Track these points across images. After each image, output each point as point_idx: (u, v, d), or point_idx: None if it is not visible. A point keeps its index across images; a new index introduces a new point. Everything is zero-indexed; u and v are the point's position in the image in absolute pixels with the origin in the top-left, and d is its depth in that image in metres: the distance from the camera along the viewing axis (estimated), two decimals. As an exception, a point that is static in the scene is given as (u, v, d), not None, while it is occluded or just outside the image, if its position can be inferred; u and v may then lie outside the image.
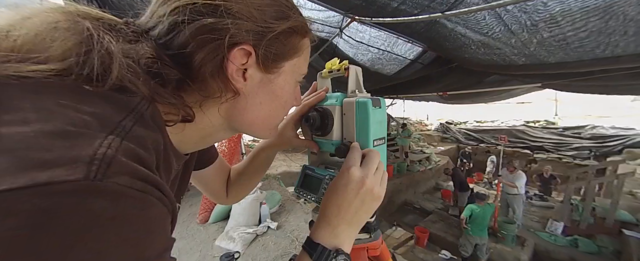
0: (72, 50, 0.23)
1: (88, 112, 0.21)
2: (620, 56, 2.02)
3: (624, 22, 1.57)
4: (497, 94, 6.06)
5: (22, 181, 0.15)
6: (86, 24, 0.25)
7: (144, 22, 0.31)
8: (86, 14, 0.27)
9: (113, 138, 0.20)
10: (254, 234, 2.28)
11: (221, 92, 0.31)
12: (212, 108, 0.33)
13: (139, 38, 0.29)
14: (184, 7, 0.28)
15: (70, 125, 0.19)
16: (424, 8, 2.03)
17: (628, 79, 2.99)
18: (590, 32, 1.78)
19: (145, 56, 0.27)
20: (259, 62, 0.32)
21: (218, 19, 0.28)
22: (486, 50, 2.59)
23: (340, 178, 0.38)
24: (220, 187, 0.61)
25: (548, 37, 2.00)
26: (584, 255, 4.07)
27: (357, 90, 0.46)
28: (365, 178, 0.38)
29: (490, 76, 4.33)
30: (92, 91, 0.23)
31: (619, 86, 3.66)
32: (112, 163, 0.18)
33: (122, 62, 0.25)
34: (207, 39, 0.28)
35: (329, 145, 0.46)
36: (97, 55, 0.23)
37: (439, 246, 4.96)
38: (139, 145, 0.22)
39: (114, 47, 0.25)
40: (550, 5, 1.62)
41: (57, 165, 0.16)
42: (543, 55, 2.36)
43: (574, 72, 2.77)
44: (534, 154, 8.55)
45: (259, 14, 0.31)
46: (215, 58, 0.29)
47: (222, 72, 0.30)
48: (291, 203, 2.89)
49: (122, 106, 0.24)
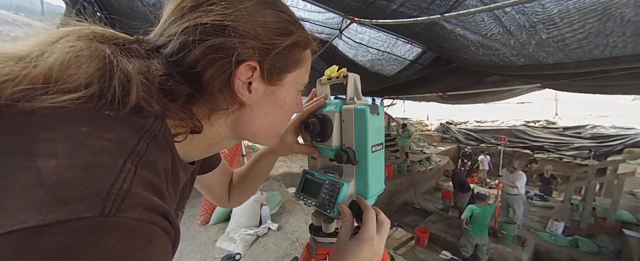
0: (95, 76, 0.25)
1: (107, 138, 0.23)
2: (619, 57, 2.03)
3: (622, 23, 1.58)
4: (497, 94, 6.07)
5: (48, 218, 0.17)
6: (106, 50, 0.26)
7: (153, 39, 0.33)
8: (102, 35, 0.29)
9: (129, 169, 0.22)
10: (255, 235, 2.29)
11: (228, 104, 0.33)
12: (219, 120, 0.35)
13: (150, 55, 0.30)
14: (194, 27, 0.29)
15: (92, 155, 0.21)
16: (423, 10, 2.04)
17: (627, 79, 3.00)
18: (589, 34, 1.79)
19: (159, 74, 0.28)
20: (264, 76, 0.34)
21: (226, 39, 0.30)
22: (485, 51, 2.60)
23: (362, 246, 0.39)
24: (223, 190, 0.62)
25: (546, 38, 2.01)
26: (584, 255, 4.07)
27: (356, 98, 0.47)
28: (380, 246, 0.41)
29: (490, 76, 4.35)
30: (110, 115, 0.25)
31: (619, 86, 3.67)
32: (126, 197, 0.20)
33: (139, 85, 0.26)
34: (216, 58, 0.30)
35: (329, 150, 0.47)
36: (118, 81, 0.25)
37: (439, 246, 4.96)
38: (152, 171, 0.24)
39: (132, 71, 0.27)
40: (548, 7, 1.63)
41: (77, 200, 0.18)
42: (542, 56, 2.37)
43: (573, 72, 2.78)
44: (534, 154, 8.56)
45: (264, 31, 0.32)
46: (223, 74, 0.31)
47: (229, 86, 0.32)
48: (292, 205, 2.90)
49: (137, 128, 0.26)
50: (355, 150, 0.45)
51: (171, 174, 0.29)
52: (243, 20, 0.31)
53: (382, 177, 0.49)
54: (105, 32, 0.29)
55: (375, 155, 0.45)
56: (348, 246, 0.39)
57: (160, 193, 0.24)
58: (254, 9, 0.32)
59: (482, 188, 7.32)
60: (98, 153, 0.21)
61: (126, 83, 0.26)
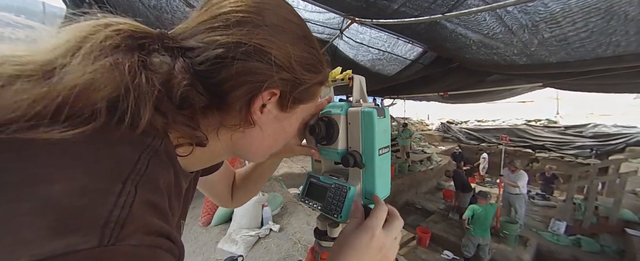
0: (109, 101, 0.24)
1: (106, 157, 0.22)
2: (622, 55, 2.02)
3: (626, 22, 1.57)
4: (498, 93, 6.05)
5: (44, 252, 0.16)
6: (126, 65, 0.24)
7: (178, 35, 0.31)
8: (126, 34, 0.27)
9: (128, 191, 0.21)
10: (257, 237, 2.28)
11: (240, 121, 0.33)
12: (226, 135, 0.34)
13: (174, 55, 0.29)
14: (237, 45, 0.29)
15: (90, 179, 0.20)
16: (424, 10, 2.04)
17: (630, 77, 2.99)
18: (592, 32, 1.78)
19: (183, 84, 0.27)
20: (280, 103, 0.34)
21: (265, 65, 0.30)
22: (487, 50, 2.59)
23: (361, 234, 0.37)
24: (226, 191, 0.62)
25: (549, 37, 2.00)
26: (587, 255, 4.05)
27: (362, 100, 0.46)
28: (385, 245, 0.38)
29: (492, 75, 4.33)
30: (113, 133, 0.24)
31: (621, 84, 3.65)
32: (126, 224, 0.19)
33: (154, 106, 0.25)
34: (250, 80, 0.30)
35: (335, 153, 0.47)
36: (132, 108, 0.24)
37: (441, 246, 4.95)
38: (153, 190, 0.24)
39: (150, 91, 0.25)
40: (550, 6, 1.62)
41: (74, 231, 0.17)
42: (544, 55, 2.36)
43: (576, 71, 2.77)
44: (535, 153, 8.53)
45: (298, 65, 0.33)
46: (247, 95, 0.31)
47: (248, 107, 0.32)
48: (293, 205, 2.89)
49: (138, 144, 0.25)
50: (362, 153, 0.44)
51: (174, 187, 0.29)
52: (283, 51, 0.31)
53: (389, 181, 0.48)
54: (129, 28, 0.27)
55: (382, 158, 0.44)
56: (347, 236, 0.38)
57: (162, 213, 0.23)
58: (293, 42, 0.32)
59: (482, 187, 7.30)
60: (96, 176, 0.20)
61: (142, 105, 0.25)
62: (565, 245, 4.33)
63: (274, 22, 0.31)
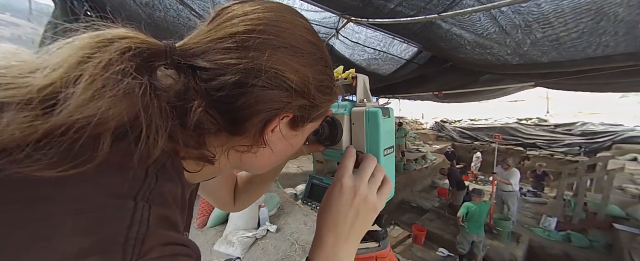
0: (118, 126, 0.22)
1: (115, 174, 0.21)
2: (611, 55, 2.07)
3: (615, 22, 1.61)
4: (491, 93, 6.15)
5: None
6: (136, 91, 0.22)
7: (188, 50, 0.28)
8: (133, 53, 0.23)
9: (142, 207, 0.21)
10: (253, 238, 2.26)
11: (251, 144, 0.32)
12: (235, 155, 0.33)
13: (182, 71, 0.27)
14: (255, 71, 0.27)
15: (101, 196, 0.20)
16: (420, 9, 2.05)
17: (617, 77, 3.07)
18: (582, 33, 1.82)
19: (198, 111, 0.26)
20: (291, 123, 0.34)
21: (283, 92, 0.29)
22: (481, 50, 2.63)
23: (332, 189, 0.37)
24: (228, 195, 0.60)
25: (541, 38, 2.04)
26: (576, 250, 4.16)
27: (366, 99, 0.45)
28: (358, 187, 0.36)
29: (485, 75, 4.40)
30: (118, 154, 0.22)
31: (609, 84, 3.76)
32: (146, 240, 0.19)
33: (167, 138, 0.24)
34: (267, 108, 0.29)
35: (338, 154, 0.46)
36: (144, 138, 0.22)
37: (436, 244, 5.01)
38: (164, 204, 0.23)
39: (163, 123, 0.23)
40: (543, 6, 1.65)
41: (95, 253, 0.17)
42: (536, 55, 2.41)
43: (566, 71, 2.83)
44: (526, 151, 8.71)
45: (314, 89, 0.32)
46: (263, 121, 0.30)
47: (261, 130, 0.31)
48: (290, 206, 2.88)
49: (144, 158, 0.24)
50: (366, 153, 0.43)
51: (180, 200, 0.28)
52: (301, 75, 0.30)
53: (393, 181, 0.47)
54: (135, 45, 0.24)
55: (387, 158, 0.43)
56: (322, 203, 0.38)
57: (174, 225, 0.24)
58: (311, 65, 0.31)
59: (476, 184, 7.43)
60: (107, 193, 0.20)
61: (153, 140, 0.23)
62: (556, 241, 4.44)
63: (292, 44, 0.29)
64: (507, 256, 4.28)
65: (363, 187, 0.37)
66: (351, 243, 0.37)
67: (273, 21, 0.29)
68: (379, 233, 0.48)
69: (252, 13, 0.29)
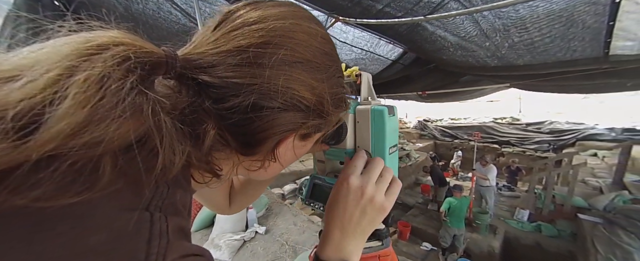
0: (120, 146, 0.19)
1: (126, 185, 0.20)
2: (577, 59, 2.24)
3: (583, 29, 1.75)
4: (470, 93, 6.45)
5: None
6: (147, 111, 0.19)
7: (193, 61, 0.24)
8: (122, 58, 0.19)
9: (159, 218, 0.20)
10: (242, 240, 2.20)
11: (262, 160, 0.31)
12: (243, 169, 0.32)
13: (188, 87, 0.24)
14: (272, 92, 0.25)
15: (117, 211, 0.19)
16: (407, 11, 2.09)
17: (582, 79, 3.34)
18: (554, 38, 1.96)
19: (211, 134, 0.24)
20: (302, 135, 0.32)
21: (299, 113, 0.27)
22: (463, 52, 2.74)
23: (338, 188, 0.38)
24: (223, 198, 0.58)
25: (518, 42, 2.16)
26: (546, 239, 4.50)
27: (370, 97, 0.45)
28: (365, 187, 0.36)
29: (465, 76, 4.61)
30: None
31: (574, 86, 4.08)
32: (167, 254, 0.19)
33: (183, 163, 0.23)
34: (282, 130, 0.27)
35: (342, 153, 0.45)
36: (161, 163, 0.20)
37: (420, 238, 5.19)
38: (178, 213, 0.23)
39: (180, 147, 0.21)
40: (521, 12, 1.75)
41: None
42: (513, 57, 2.55)
43: (538, 73, 3.03)
44: (502, 148, 9.26)
45: (329, 105, 0.30)
46: (276, 141, 0.29)
47: (273, 149, 0.30)
48: (278, 206, 2.84)
49: (161, 178, 0.22)
50: (372, 153, 0.43)
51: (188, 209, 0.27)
52: (317, 92, 0.28)
53: (396, 180, 0.47)
54: (132, 54, 0.19)
55: (391, 157, 0.43)
56: (329, 201, 0.38)
57: (188, 235, 0.23)
58: (328, 79, 0.29)
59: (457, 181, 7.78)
60: (120, 207, 0.19)
61: (170, 165, 0.21)
62: (528, 231, 4.77)
63: (309, 58, 0.27)
64: (485, 247, 4.53)
65: (370, 188, 0.37)
66: (358, 240, 0.37)
67: (288, 32, 0.26)
68: (382, 231, 0.48)
69: (265, 21, 0.25)
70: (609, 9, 1.49)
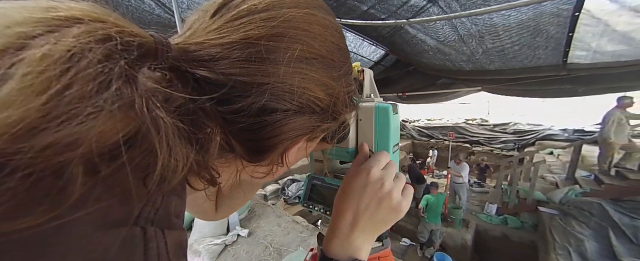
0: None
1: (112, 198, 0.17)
2: (541, 66, 2.46)
3: (547, 39, 1.92)
4: (446, 95, 6.83)
5: None
6: (142, 107, 0.15)
7: (191, 52, 0.20)
8: (105, 37, 0.14)
9: (154, 234, 0.16)
10: (223, 244, 2.11)
11: (269, 166, 0.28)
12: (246, 175, 0.29)
13: (184, 83, 0.20)
14: (286, 94, 0.22)
15: (96, 229, 0.15)
16: (391, 14, 2.15)
17: (542, 85, 3.69)
18: (522, 46, 2.13)
19: (216, 141, 0.21)
20: (308, 138, 0.29)
21: (313, 116, 0.25)
22: (441, 56, 2.88)
23: (355, 178, 0.35)
24: (209, 203, 0.53)
25: (491, 47, 2.32)
26: (511, 230, 4.91)
27: (373, 95, 0.44)
28: (385, 181, 0.35)
29: (441, 79, 4.86)
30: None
31: (536, 90, 4.49)
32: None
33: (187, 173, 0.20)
34: (293, 136, 0.24)
35: (344, 153, 0.44)
36: (159, 174, 0.17)
37: (399, 234, 5.38)
38: (175, 226, 0.19)
39: (183, 153, 0.18)
40: (495, 20, 1.87)
41: None
42: (485, 62, 2.74)
43: (507, 78, 3.28)
44: (472, 147, 9.93)
45: (342, 105, 0.28)
46: (287, 146, 0.26)
47: (281, 155, 0.27)
48: (262, 207, 2.76)
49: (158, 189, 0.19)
50: (375, 151, 0.42)
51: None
52: (333, 92, 0.26)
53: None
54: (119, 34, 0.15)
55: (394, 155, 0.43)
56: (346, 179, 0.36)
57: (185, 249, 0.20)
58: (342, 75, 0.27)
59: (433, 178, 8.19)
60: (100, 223, 0.15)
61: (172, 175, 0.18)
62: (496, 224, 5.16)
63: (324, 54, 0.24)
64: (459, 240, 4.81)
65: (389, 182, 0.35)
66: (368, 235, 0.35)
67: (304, 23, 0.23)
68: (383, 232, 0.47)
69: (276, 8, 0.22)
70: (569, 21, 1.65)
